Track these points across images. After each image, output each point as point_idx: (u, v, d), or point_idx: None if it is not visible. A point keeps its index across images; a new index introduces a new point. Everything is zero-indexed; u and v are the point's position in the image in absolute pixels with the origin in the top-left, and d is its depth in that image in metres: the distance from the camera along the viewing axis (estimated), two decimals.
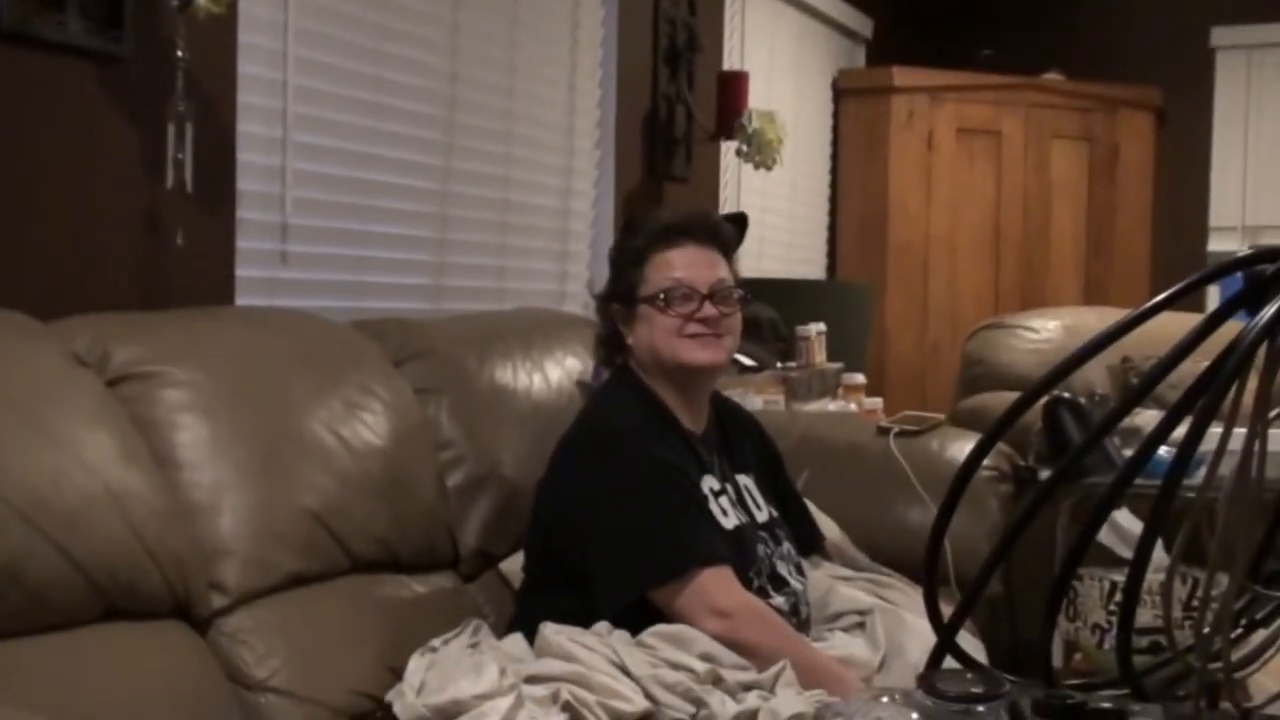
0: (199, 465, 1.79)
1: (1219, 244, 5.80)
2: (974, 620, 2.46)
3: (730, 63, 4.37)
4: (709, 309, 2.16)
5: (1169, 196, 5.73)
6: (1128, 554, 2.28)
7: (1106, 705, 0.65)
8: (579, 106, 3.58)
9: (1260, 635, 0.81)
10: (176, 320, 1.98)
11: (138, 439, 1.72)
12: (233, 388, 1.89)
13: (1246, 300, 0.70)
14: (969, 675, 0.66)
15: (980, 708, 0.61)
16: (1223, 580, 0.78)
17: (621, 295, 2.22)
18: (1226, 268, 0.71)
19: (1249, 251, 0.71)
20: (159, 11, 2.08)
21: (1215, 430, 0.80)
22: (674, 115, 3.93)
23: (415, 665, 1.83)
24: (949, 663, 0.78)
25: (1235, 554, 0.72)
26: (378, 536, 2.01)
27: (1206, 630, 0.73)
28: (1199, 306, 5.75)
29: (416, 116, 2.91)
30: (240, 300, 2.39)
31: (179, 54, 2.05)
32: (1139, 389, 0.77)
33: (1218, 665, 0.74)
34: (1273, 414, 0.71)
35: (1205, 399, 0.68)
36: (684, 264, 2.18)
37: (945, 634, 0.73)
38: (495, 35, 3.19)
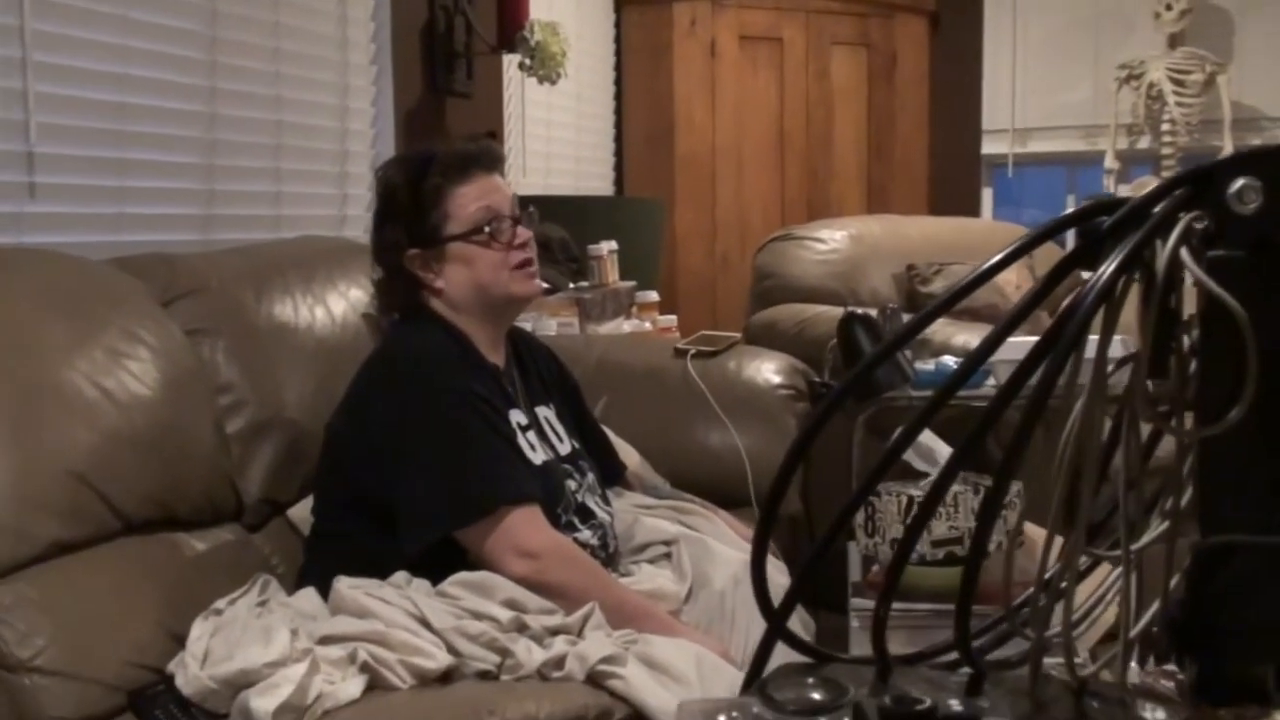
0: None
1: (991, 146, 5.95)
2: (775, 539, 2.47)
3: None
4: (522, 232, 2.10)
5: (945, 101, 5.84)
6: (926, 468, 2.31)
7: (957, 709, 0.61)
8: (351, 18, 3.39)
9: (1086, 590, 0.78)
10: None
11: None
12: None
13: (1082, 258, 0.65)
14: (809, 680, 0.60)
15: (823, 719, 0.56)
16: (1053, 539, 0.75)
17: (423, 238, 2.09)
18: (1063, 224, 0.67)
19: (1086, 203, 0.66)
20: None
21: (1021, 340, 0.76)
22: (453, 27, 3.78)
23: (199, 631, 1.72)
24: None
25: (1077, 520, 0.68)
26: (151, 494, 1.87)
27: (1042, 603, 0.69)
28: (974, 210, 5.91)
29: (174, 32, 2.70)
30: None
31: None
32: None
33: (1055, 633, 0.71)
34: (1110, 369, 0.67)
35: (1045, 367, 0.64)
36: (486, 192, 2.09)
37: (776, 620, 0.68)
38: None
